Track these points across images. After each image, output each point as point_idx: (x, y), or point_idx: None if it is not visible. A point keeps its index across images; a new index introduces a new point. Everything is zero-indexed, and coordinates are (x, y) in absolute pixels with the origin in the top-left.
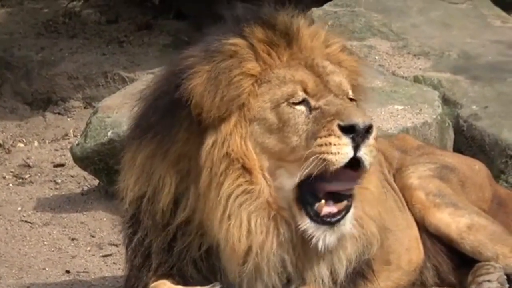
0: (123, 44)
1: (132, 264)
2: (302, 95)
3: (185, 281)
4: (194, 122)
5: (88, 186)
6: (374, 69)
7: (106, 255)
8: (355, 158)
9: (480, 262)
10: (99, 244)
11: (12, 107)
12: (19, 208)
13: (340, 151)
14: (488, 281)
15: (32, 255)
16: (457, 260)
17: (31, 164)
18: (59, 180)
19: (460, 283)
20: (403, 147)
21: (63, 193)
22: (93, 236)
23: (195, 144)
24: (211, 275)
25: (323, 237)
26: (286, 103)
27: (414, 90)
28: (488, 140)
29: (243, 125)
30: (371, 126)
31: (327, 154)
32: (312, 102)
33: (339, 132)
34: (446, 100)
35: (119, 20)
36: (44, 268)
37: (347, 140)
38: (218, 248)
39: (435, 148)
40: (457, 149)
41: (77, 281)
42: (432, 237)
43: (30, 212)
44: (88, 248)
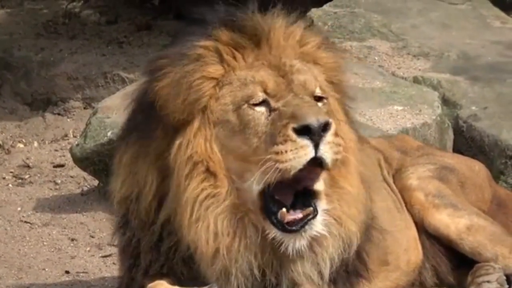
0: (123, 44)
1: (123, 264)
2: (262, 96)
3: (177, 279)
4: (166, 121)
5: (88, 186)
6: (374, 69)
7: (106, 256)
8: (316, 157)
9: (479, 262)
10: (98, 244)
11: (12, 107)
12: (19, 209)
13: (296, 155)
14: (488, 281)
15: (31, 255)
16: (456, 261)
17: (30, 164)
18: (59, 181)
19: (459, 284)
20: (402, 148)
21: (62, 193)
22: (92, 237)
23: (171, 141)
24: (199, 273)
25: (292, 243)
26: (246, 105)
27: (414, 91)
28: (487, 140)
29: (207, 127)
30: (327, 124)
31: (281, 163)
32: (272, 103)
33: (294, 136)
34: (445, 101)
35: (118, 21)
36: (43, 269)
37: (304, 142)
38: (190, 249)
39: (434, 149)
40: (456, 149)
41: (76, 281)
42: (431, 237)
43: (29, 213)
44: (88, 248)
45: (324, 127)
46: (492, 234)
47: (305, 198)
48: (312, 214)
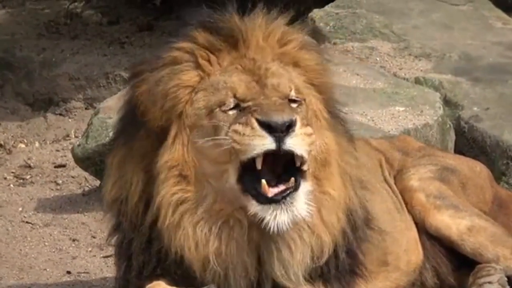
0: (125, 45)
1: (118, 266)
2: (233, 102)
3: (172, 280)
4: (147, 124)
5: (89, 187)
6: (376, 70)
7: (107, 256)
8: (283, 150)
9: (480, 263)
10: (100, 245)
11: (13, 107)
12: (20, 209)
13: (252, 142)
14: (489, 282)
15: (33, 255)
16: (457, 262)
17: (32, 164)
18: (60, 181)
19: (460, 285)
20: (404, 149)
21: (64, 193)
22: (94, 237)
23: (154, 142)
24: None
25: (273, 217)
26: (218, 109)
27: (415, 92)
28: (489, 141)
29: (183, 132)
30: (291, 123)
31: (237, 143)
32: (243, 105)
33: (255, 124)
34: (447, 102)
35: (120, 21)
36: (45, 269)
37: (263, 133)
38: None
39: (436, 150)
40: (458, 150)
41: (78, 282)
42: (432, 238)
43: (31, 213)
44: (89, 249)
45: (289, 125)
46: (493, 235)
47: (288, 175)
48: (294, 187)
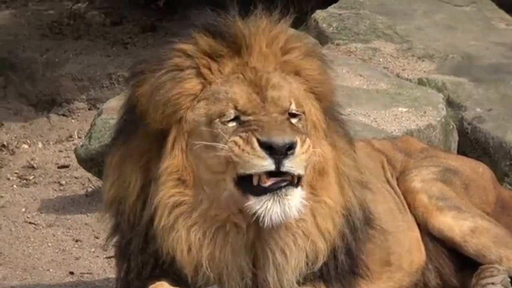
0: (128, 45)
1: (118, 266)
2: (233, 113)
3: (172, 281)
4: (146, 125)
5: (92, 187)
6: (379, 71)
7: (110, 257)
8: (281, 171)
9: (483, 265)
10: (103, 245)
11: (17, 108)
12: (23, 209)
13: (252, 161)
14: (492, 283)
15: (36, 256)
16: (459, 263)
17: (35, 165)
18: (63, 182)
19: (463, 286)
20: (406, 150)
21: (67, 194)
22: (97, 238)
23: (152, 142)
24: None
25: (265, 207)
26: (218, 120)
27: (419, 93)
28: (492, 142)
29: (182, 137)
30: (292, 145)
31: (235, 155)
32: (244, 118)
33: (256, 144)
34: (450, 103)
35: (123, 22)
36: (48, 270)
37: (263, 154)
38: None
39: (439, 151)
40: (461, 151)
41: (81, 282)
42: (435, 239)
43: (34, 214)
44: (92, 249)
45: (290, 147)
46: (496, 236)
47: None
48: (291, 181)
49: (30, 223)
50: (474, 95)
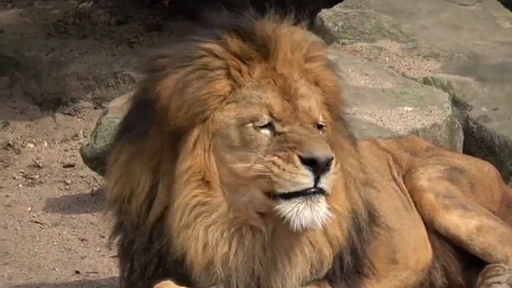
0: (133, 45)
1: (121, 266)
2: (267, 119)
3: (174, 280)
4: (161, 122)
5: (98, 186)
6: (384, 70)
7: (116, 256)
8: (316, 187)
9: (489, 263)
10: (108, 244)
11: (22, 107)
12: (29, 209)
13: (293, 180)
14: (498, 282)
15: (41, 255)
16: (466, 262)
17: (40, 164)
18: (69, 181)
19: (469, 285)
20: (412, 149)
21: (72, 193)
22: (102, 237)
23: (164, 141)
24: (190, 275)
25: (298, 211)
26: (251, 125)
27: (424, 92)
28: (497, 141)
29: (205, 137)
30: (331, 159)
31: (275, 175)
32: (278, 127)
33: (299, 163)
34: (455, 102)
35: (129, 21)
36: (53, 269)
37: (306, 171)
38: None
39: (444, 150)
40: (466, 150)
41: (86, 281)
42: (441, 238)
43: (39, 213)
44: (98, 248)
45: (327, 163)
46: (502, 235)
47: None
48: (321, 189)
49: (36, 222)
50: (480, 94)
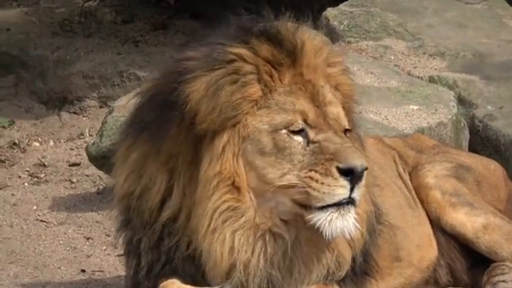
0: (139, 43)
1: (127, 264)
2: (301, 124)
3: (180, 278)
4: (186, 124)
5: (104, 185)
6: (390, 69)
7: (121, 255)
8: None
9: (495, 262)
10: (114, 243)
11: (28, 106)
12: (35, 207)
13: (332, 192)
14: (503, 281)
15: (47, 254)
16: (471, 260)
17: (46, 163)
18: (75, 179)
19: (475, 283)
20: (418, 147)
21: (78, 192)
22: (108, 235)
23: (184, 143)
24: (197, 273)
25: (331, 220)
26: (285, 130)
27: (430, 90)
28: (503, 140)
29: (235, 141)
30: (366, 168)
31: (313, 189)
32: (311, 134)
33: (337, 175)
34: (461, 100)
35: (134, 20)
36: (59, 267)
37: (345, 183)
38: (202, 257)
39: (450, 148)
40: (472, 149)
41: (92, 280)
42: (447, 235)
43: (45, 211)
44: (104, 247)
45: (363, 171)
46: (509, 233)
47: None
48: (350, 200)
49: (42, 221)
50: (485, 93)
